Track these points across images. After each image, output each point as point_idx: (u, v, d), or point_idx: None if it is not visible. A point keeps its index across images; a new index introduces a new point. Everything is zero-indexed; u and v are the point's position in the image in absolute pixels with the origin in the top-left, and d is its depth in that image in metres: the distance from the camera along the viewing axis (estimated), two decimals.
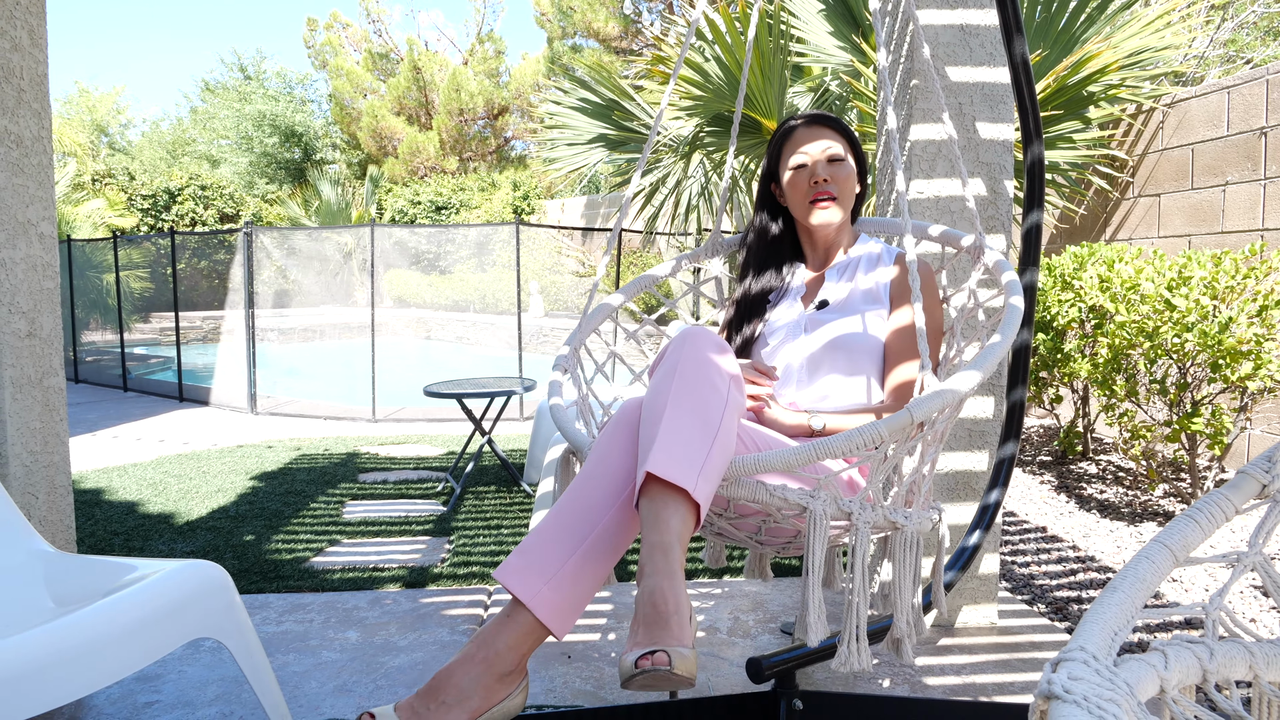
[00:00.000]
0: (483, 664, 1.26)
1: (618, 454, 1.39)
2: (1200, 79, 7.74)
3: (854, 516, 1.37)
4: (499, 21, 46.96)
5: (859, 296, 1.79)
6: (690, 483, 1.23)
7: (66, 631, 1.38)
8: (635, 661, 1.10)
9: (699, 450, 1.27)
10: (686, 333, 1.45)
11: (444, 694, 1.24)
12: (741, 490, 1.35)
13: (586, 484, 1.37)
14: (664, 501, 1.23)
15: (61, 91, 27.84)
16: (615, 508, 1.34)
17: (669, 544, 1.20)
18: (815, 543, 1.33)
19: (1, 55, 2.09)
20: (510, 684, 1.28)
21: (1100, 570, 3.02)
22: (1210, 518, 0.93)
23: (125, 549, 3.34)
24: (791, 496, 1.34)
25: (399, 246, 17.12)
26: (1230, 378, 3.19)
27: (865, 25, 4.60)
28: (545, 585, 1.26)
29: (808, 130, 1.83)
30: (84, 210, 15.20)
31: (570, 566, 1.28)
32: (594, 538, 1.31)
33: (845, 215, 1.84)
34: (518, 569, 1.28)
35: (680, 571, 1.20)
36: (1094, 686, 0.68)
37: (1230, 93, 4.32)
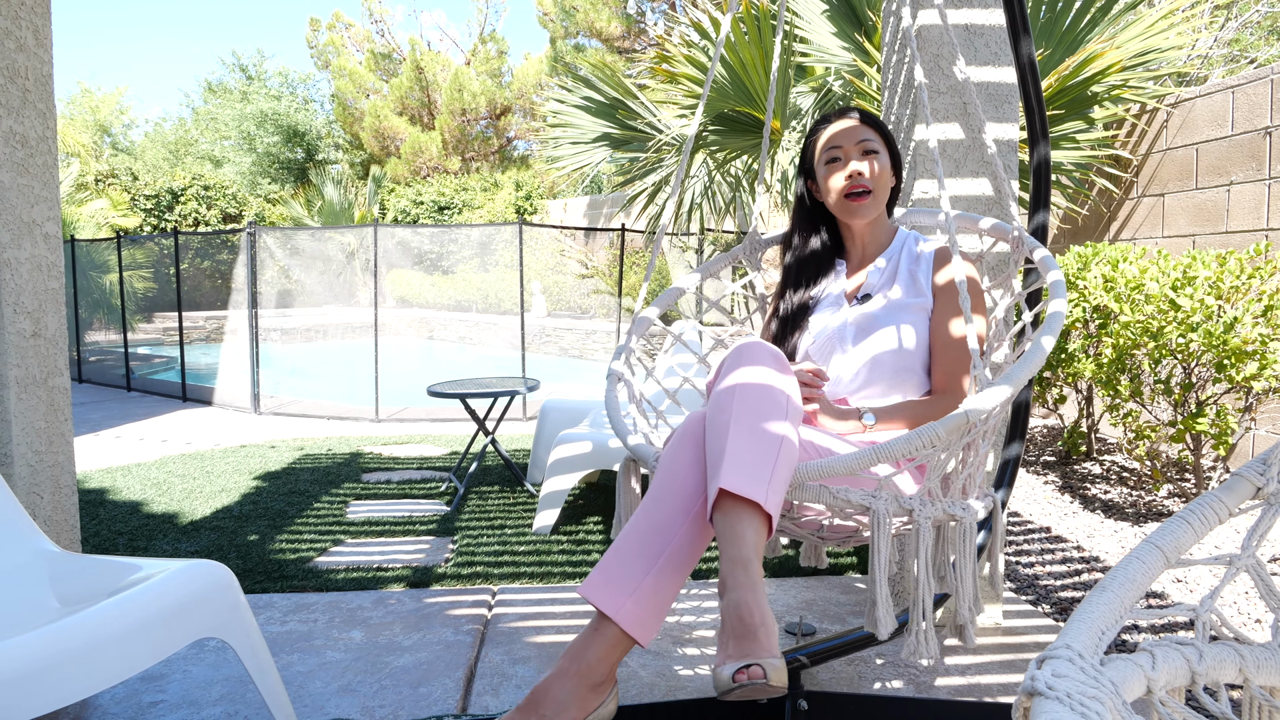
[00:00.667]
0: (576, 677, 1.34)
1: (685, 469, 1.45)
2: (1204, 79, 7.72)
3: (915, 513, 1.43)
4: (501, 21, 46.97)
5: (902, 292, 1.81)
6: (761, 495, 1.30)
7: (71, 631, 1.38)
8: (733, 676, 1.17)
9: (766, 463, 1.33)
10: (743, 346, 1.51)
11: (543, 708, 1.33)
12: (806, 495, 1.41)
13: (658, 499, 1.44)
14: (738, 515, 1.30)
15: (65, 92, 27.90)
16: (687, 522, 1.41)
17: (748, 557, 1.28)
18: (880, 541, 1.39)
19: (7, 55, 2.09)
20: (602, 692, 1.36)
21: (1104, 571, 3.02)
22: (1203, 520, 0.93)
23: (129, 549, 3.34)
24: (855, 498, 1.40)
25: (402, 246, 17.13)
26: (1235, 378, 3.19)
27: (868, 25, 4.59)
28: (629, 599, 1.35)
29: (842, 125, 1.84)
30: (88, 210, 15.22)
31: (650, 580, 1.36)
32: (670, 552, 1.38)
33: (881, 208, 1.86)
34: (601, 585, 1.37)
35: (761, 583, 1.27)
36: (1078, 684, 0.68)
37: (1234, 92, 4.32)
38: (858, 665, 2.18)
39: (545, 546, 3.29)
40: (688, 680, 2.10)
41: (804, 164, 1.92)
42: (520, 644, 2.34)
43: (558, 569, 3.02)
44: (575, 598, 2.72)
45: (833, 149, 1.83)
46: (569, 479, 3.50)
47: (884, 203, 1.85)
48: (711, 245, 8.59)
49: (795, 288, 1.93)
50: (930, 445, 1.35)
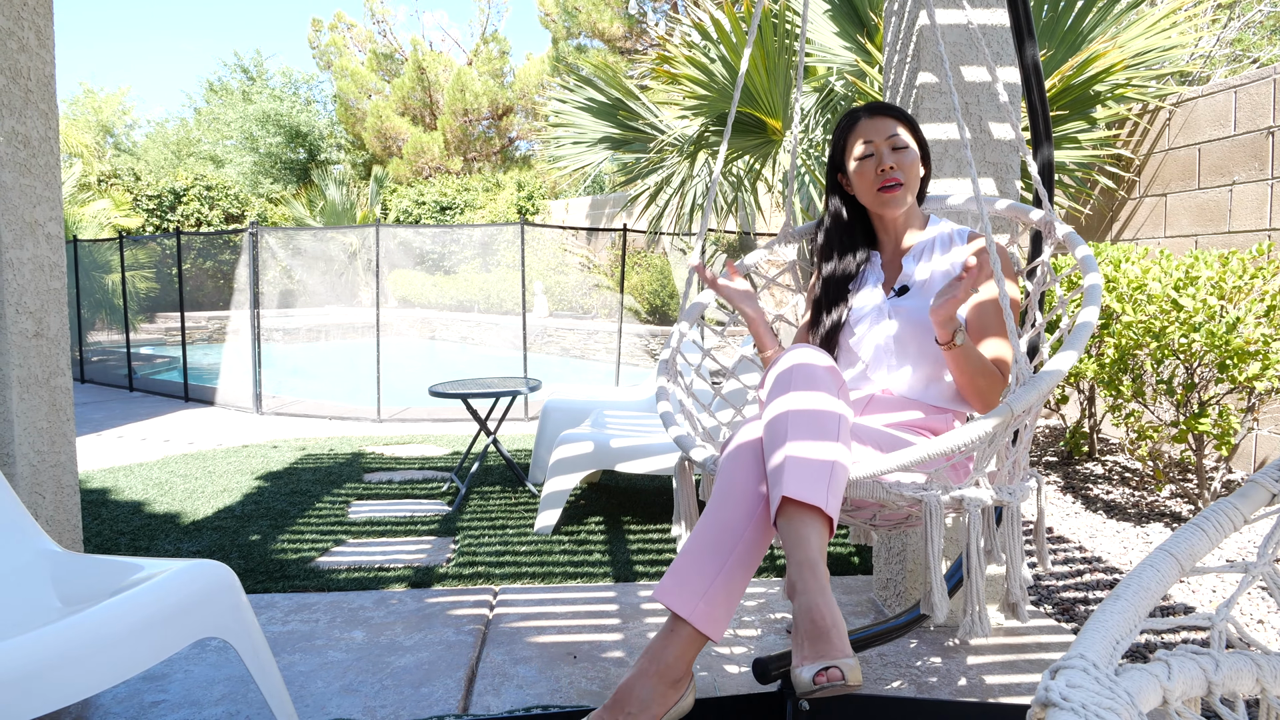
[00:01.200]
0: (656, 676, 1.43)
1: (744, 475, 1.52)
2: (1207, 78, 7.71)
3: (965, 502, 1.49)
4: (503, 22, 47.01)
5: (938, 278, 1.85)
6: (822, 499, 1.37)
7: (73, 631, 1.38)
8: (813, 678, 1.23)
9: (824, 467, 1.41)
10: (793, 351, 1.58)
11: (628, 705, 1.42)
12: (860, 490, 1.48)
13: (721, 506, 1.51)
14: (802, 520, 1.38)
15: (67, 92, 27.92)
16: (750, 526, 1.48)
17: (814, 560, 1.35)
18: (933, 531, 1.45)
19: (9, 56, 2.10)
20: (681, 688, 1.45)
21: (1106, 571, 3.01)
22: (1218, 526, 0.92)
23: (131, 548, 3.35)
24: (906, 491, 1.47)
25: (404, 247, 17.13)
26: (1238, 378, 3.18)
27: (870, 25, 4.59)
28: (701, 601, 1.42)
29: (870, 119, 1.88)
30: (90, 210, 15.23)
31: (719, 582, 1.44)
32: (736, 555, 1.46)
33: (913, 199, 1.89)
34: (674, 589, 1.44)
35: (828, 585, 1.35)
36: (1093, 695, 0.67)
37: (1237, 92, 4.31)
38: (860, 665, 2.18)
39: (547, 547, 3.29)
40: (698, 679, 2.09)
41: (834, 159, 1.96)
42: (522, 644, 2.34)
43: (559, 569, 3.02)
44: (577, 598, 2.72)
45: (864, 145, 1.86)
46: (571, 479, 3.50)
47: (914, 192, 1.89)
48: (714, 245, 8.59)
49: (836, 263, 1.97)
50: (977, 442, 1.42)
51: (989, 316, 1.79)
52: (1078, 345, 1.47)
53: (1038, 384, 1.44)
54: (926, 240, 1.91)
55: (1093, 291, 1.59)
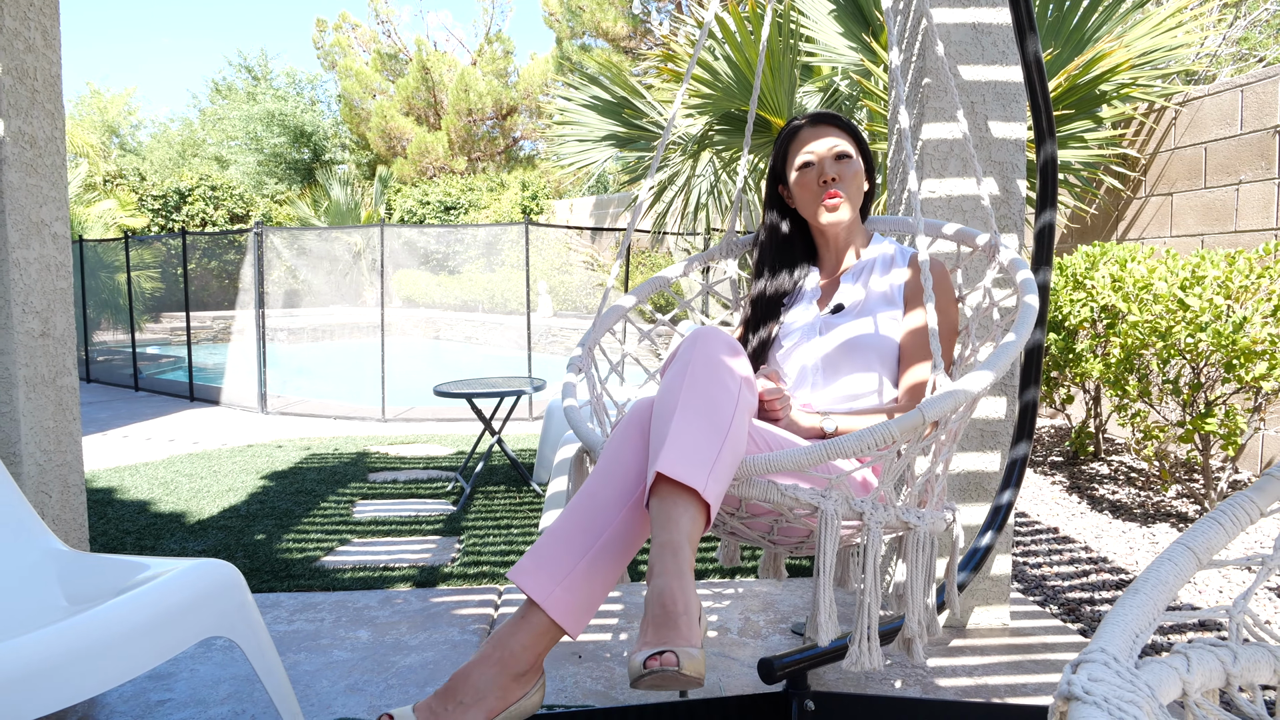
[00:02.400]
0: (498, 664, 1.27)
1: (629, 454, 1.39)
2: (1213, 77, 7.69)
3: (866, 516, 1.36)
4: (507, 22, 47.04)
5: (874, 299, 1.78)
6: (700, 482, 1.23)
7: (80, 630, 1.39)
8: (644, 662, 1.11)
9: (709, 450, 1.27)
10: (698, 332, 1.44)
11: (461, 694, 1.26)
12: (753, 490, 1.35)
13: (598, 484, 1.38)
14: (674, 501, 1.24)
15: (73, 93, 28.01)
16: (627, 508, 1.34)
17: (678, 544, 1.21)
18: (826, 542, 1.32)
19: (16, 56, 2.10)
20: (526, 683, 1.29)
21: (1113, 571, 3.00)
22: (1235, 520, 0.92)
23: (137, 548, 3.36)
24: (803, 496, 1.34)
25: (408, 246, 17.16)
26: (1244, 378, 3.17)
27: (875, 25, 4.58)
28: (558, 586, 1.27)
29: (813, 129, 1.82)
30: (96, 211, 15.28)
31: (583, 567, 1.29)
32: (606, 538, 1.32)
33: (855, 213, 1.83)
34: (531, 570, 1.29)
35: (689, 571, 1.21)
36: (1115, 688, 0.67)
37: (1243, 91, 4.30)
38: (864, 665, 2.18)
39: None
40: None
41: (775, 168, 1.90)
42: None
43: None
44: None
45: (805, 155, 1.80)
46: None
47: (857, 206, 1.83)
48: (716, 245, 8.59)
49: (770, 277, 1.90)
50: (884, 443, 1.29)
51: (921, 339, 1.71)
52: (995, 366, 1.37)
53: (952, 395, 1.32)
54: (867, 260, 1.84)
55: (1025, 313, 1.50)
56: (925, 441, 1.41)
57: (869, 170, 1.85)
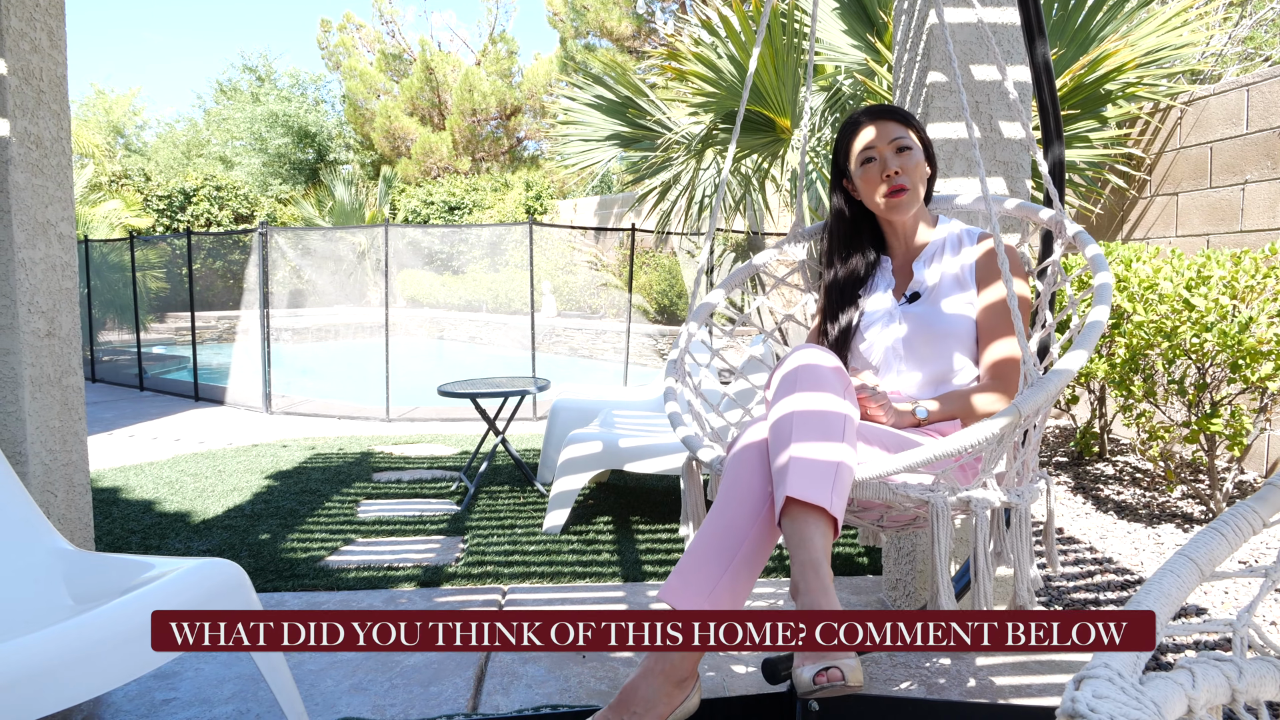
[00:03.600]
0: (661, 675, 1.44)
1: (748, 475, 1.52)
2: (1218, 77, 7.66)
3: (973, 504, 1.46)
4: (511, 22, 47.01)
5: (948, 281, 1.85)
6: (827, 500, 1.36)
7: (85, 629, 1.39)
8: (813, 678, 1.23)
9: (829, 468, 1.40)
10: (800, 351, 1.57)
11: (633, 705, 1.44)
12: (866, 491, 1.46)
13: (726, 506, 1.51)
14: (805, 520, 1.37)
15: (78, 93, 28.07)
16: (755, 526, 1.47)
17: (818, 561, 1.35)
18: (940, 532, 1.44)
19: (22, 57, 2.11)
20: (686, 688, 1.47)
21: (1118, 572, 3.00)
22: (1237, 531, 0.91)
23: (142, 547, 3.36)
24: (913, 493, 1.45)
25: (412, 246, 17.17)
26: (1250, 378, 3.16)
27: (879, 24, 4.58)
28: (705, 600, 1.42)
29: (873, 122, 1.86)
30: (101, 211, 15.32)
31: (724, 582, 1.43)
32: (741, 555, 1.45)
33: (920, 201, 1.88)
34: (679, 589, 1.44)
35: (831, 585, 1.34)
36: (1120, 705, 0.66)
37: (1249, 90, 4.28)
38: (869, 666, 2.17)
39: (555, 546, 3.29)
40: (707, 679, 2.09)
41: (837, 166, 1.95)
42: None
43: (568, 569, 3.02)
44: (586, 597, 2.72)
45: (867, 149, 1.85)
46: (579, 479, 3.50)
47: (921, 195, 1.88)
48: (722, 244, 8.58)
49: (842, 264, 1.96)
50: (985, 443, 1.40)
51: (997, 317, 1.78)
52: (1087, 345, 1.45)
53: (1046, 385, 1.42)
54: (937, 242, 1.90)
55: (1103, 290, 1.57)
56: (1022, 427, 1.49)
57: (929, 155, 1.90)
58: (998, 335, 1.77)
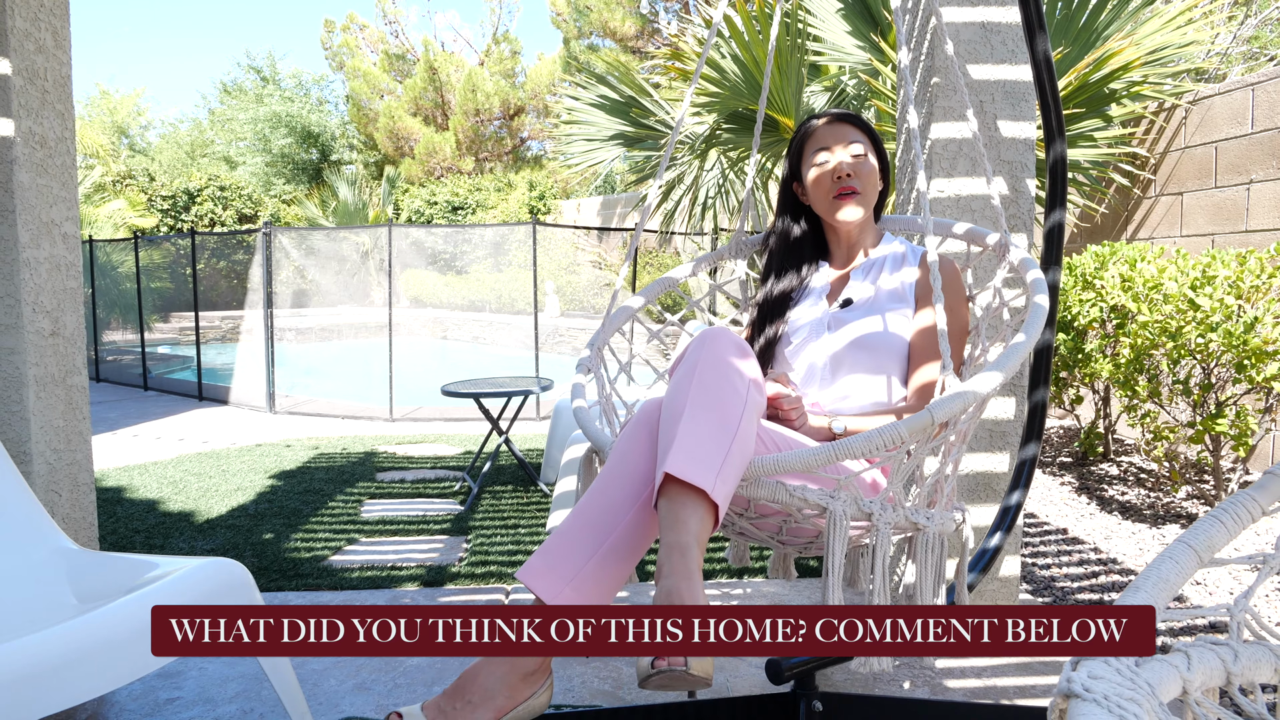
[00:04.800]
0: (506, 663, 1.27)
1: (637, 454, 1.39)
2: (1223, 76, 7.65)
3: (874, 517, 1.36)
4: (515, 22, 47.05)
5: (884, 296, 1.77)
6: (708, 483, 1.23)
7: (89, 628, 1.39)
8: (652, 662, 1.10)
9: (717, 451, 1.26)
10: (706, 333, 1.44)
11: (470, 693, 1.27)
12: (761, 490, 1.34)
13: (607, 484, 1.38)
14: (682, 502, 1.23)
15: (83, 94, 28.15)
16: (635, 508, 1.34)
17: (686, 544, 1.20)
18: (835, 543, 1.32)
19: (27, 57, 2.11)
20: (535, 683, 1.30)
21: (1123, 573, 2.99)
22: (1236, 518, 0.91)
23: (146, 546, 3.37)
24: (811, 497, 1.34)
25: (416, 247, 17.19)
26: (1255, 378, 3.15)
27: (884, 24, 4.57)
28: (567, 586, 1.28)
29: (829, 127, 1.83)
30: (105, 211, 15.36)
31: (591, 567, 1.30)
32: (615, 538, 1.32)
33: (869, 212, 1.83)
34: (540, 570, 1.30)
35: (698, 572, 1.20)
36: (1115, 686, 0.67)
37: (1255, 90, 4.27)
38: (873, 666, 2.17)
39: None
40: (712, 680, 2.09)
41: (790, 165, 1.90)
42: None
43: None
44: None
45: (820, 150, 1.81)
46: None
47: (871, 205, 1.83)
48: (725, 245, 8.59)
49: (777, 277, 1.90)
50: (893, 444, 1.29)
51: (930, 338, 1.70)
52: (1004, 367, 1.36)
53: (961, 396, 1.31)
54: (878, 258, 1.84)
55: (1035, 313, 1.49)
56: (935, 442, 1.40)
57: (884, 170, 1.85)
58: (929, 357, 1.69)
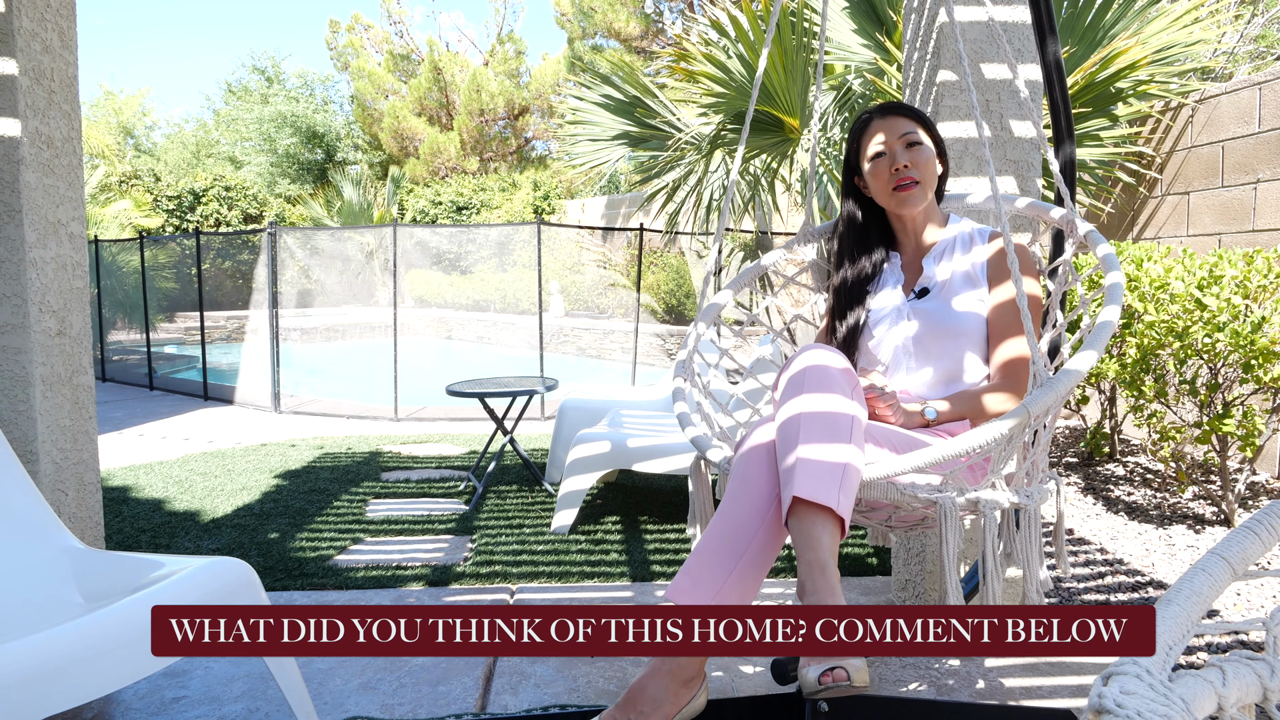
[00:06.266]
0: (668, 675, 1.44)
1: (756, 474, 1.51)
2: (1229, 75, 7.62)
3: (981, 504, 1.45)
4: (519, 22, 47.09)
5: (958, 279, 1.84)
6: (834, 500, 1.35)
7: (95, 627, 1.39)
8: (818, 678, 1.22)
9: (836, 468, 1.39)
10: (807, 351, 1.56)
11: (640, 704, 1.43)
12: (875, 492, 1.45)
13: (735, 504, 1.50)
14: (812, 521, 1.36)
15: (88, 94, 28.22)
16: (763, 526, 1.46)
17: (824, 561, 1.34)
18: (948, 532, 1.42)
19: (33, 58, 2.11)
20: (693, 688, 1.47)
21: (1129, 573, 2.98)
22: (1271, 531, 0.90)
23: (152, 546, 3.37)
24: (921, 493, 1.44)
25: (420, 246, 17.20)
26: (1263, 378, 3.14)
27: (889, 23, 4.56)
28: (713, 600, 1.42)
29: (883, 119, 1.87)
30: (111, 211, 15.40)
31: (732, 581, 1.43)
32: (749, 555, 1.45)
33: (930, 197, 1.87)
34: (686, 588, 1.43)
35: (838, 585, 1.33)
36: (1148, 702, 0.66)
37: (1262, 89, 4.25)
38: (878, 667, 2.17)
39: (563, 546, 3.29)
40: (714, 680, 2.09)
41: (849, 162, 1.95)
42: None
43: (576, 568, 3.02)
44: (594, 597, 2.72)
45: (877, 145, 1.85)
46: (587, 478, 3.50)
47: (931, 190, 1.87)
48: (731, 244, 8.57)
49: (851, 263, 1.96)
50: (994, 444, 1.38)
51: (1008, 317, 1.77)
52: (1098, 345, 1.44)
53: (1055, 385, 1.40)
54: (947, 240, 1.89)
55: (1114, 290, 1.56)
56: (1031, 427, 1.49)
57: (941, 153, 1.90)
58: (1008, 335, 1.76)
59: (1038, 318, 1.78)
